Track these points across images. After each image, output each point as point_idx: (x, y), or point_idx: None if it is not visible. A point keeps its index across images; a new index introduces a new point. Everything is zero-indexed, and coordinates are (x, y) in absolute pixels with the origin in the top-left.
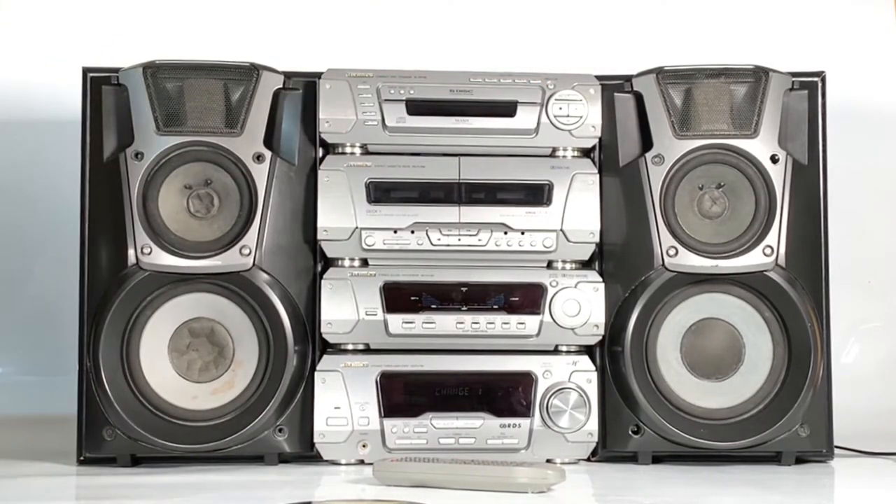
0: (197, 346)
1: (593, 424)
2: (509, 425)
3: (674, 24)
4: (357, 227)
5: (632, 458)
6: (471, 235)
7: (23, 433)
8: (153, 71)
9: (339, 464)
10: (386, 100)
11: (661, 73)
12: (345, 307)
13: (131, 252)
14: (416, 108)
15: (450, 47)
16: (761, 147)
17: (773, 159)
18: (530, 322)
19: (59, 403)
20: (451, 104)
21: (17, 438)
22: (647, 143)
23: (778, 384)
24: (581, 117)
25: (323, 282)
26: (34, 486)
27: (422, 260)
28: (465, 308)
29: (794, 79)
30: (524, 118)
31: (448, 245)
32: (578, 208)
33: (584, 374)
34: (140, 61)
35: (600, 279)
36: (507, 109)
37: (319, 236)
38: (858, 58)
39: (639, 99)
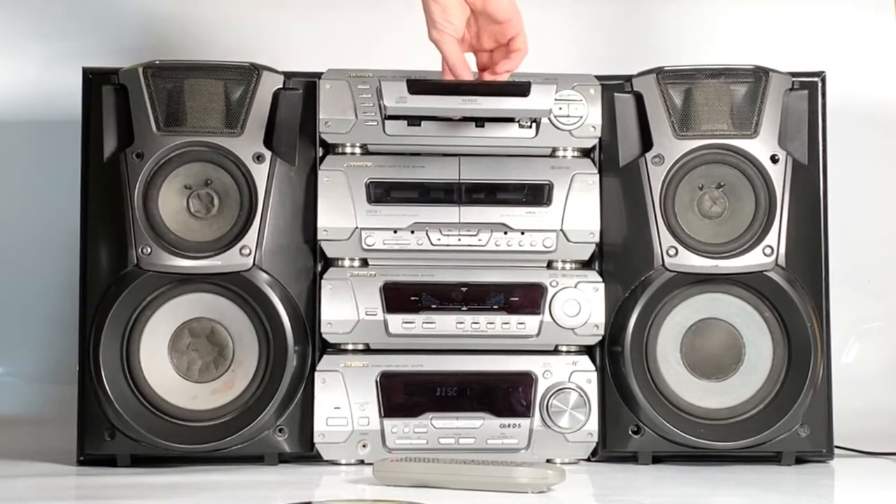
0: (197, 347)
1: (593, 424)
2: (509, 425)
3: (674, 24)
4: (357, 227)
5: (632, 458)
6: (471, 235)
7: (23, 433)
8: (153, 71)
9: (339, 464)
10: None
11: (661, 73)
12: (345, 307)
13: (131, 252)
14: None
15: None
16: (761, 147)
17: (773, 159)
18: (530, 322)
19: (60, 403)
20: None
21: (17, 438)
22: (647, 143)
23: (778, 384)
24: (581, 117)
25: (323, 282)
26: (34, 486)
27: (422, 260)
28: (465, 308)
29: (794, 79)
30: None
31: (448, 245)
32: (578, 208)
33: (584, 374)
34: (140, 61)
35: (600, 279)
36: None
37: (319, 236)
38: (858, 58)
39: (639, 99)
